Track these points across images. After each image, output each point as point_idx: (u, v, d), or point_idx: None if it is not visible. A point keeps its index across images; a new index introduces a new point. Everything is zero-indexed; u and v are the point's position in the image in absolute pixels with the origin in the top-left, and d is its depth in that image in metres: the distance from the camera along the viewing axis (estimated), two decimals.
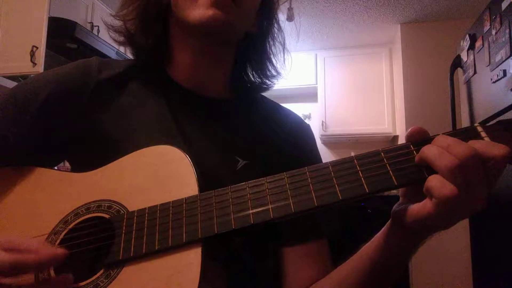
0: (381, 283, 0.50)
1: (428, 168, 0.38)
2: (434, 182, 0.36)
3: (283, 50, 0.69)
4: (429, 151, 0.38)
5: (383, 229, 0.47)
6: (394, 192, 3.15)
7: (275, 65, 0.69)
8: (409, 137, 0.41)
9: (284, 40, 0.69)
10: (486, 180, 0.37)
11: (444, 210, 0.36)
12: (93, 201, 0.49)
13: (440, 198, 0.36)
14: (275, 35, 0.68)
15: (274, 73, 0.69)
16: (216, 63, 0.63)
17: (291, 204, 0.41)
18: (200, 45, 0.60)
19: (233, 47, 0.65)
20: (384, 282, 0.50)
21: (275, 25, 0.67)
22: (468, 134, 0.39)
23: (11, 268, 0.38)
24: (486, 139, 0.39)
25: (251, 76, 0.69)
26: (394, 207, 0.44)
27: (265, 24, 0.66)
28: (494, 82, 1.52)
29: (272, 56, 0.68)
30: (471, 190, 0.36)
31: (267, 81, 0.69)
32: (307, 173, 0.42)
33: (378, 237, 0.48)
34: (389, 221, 0.46)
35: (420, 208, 0.39)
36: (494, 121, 0.42)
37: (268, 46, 0.67)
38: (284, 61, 0.70)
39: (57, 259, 0.40)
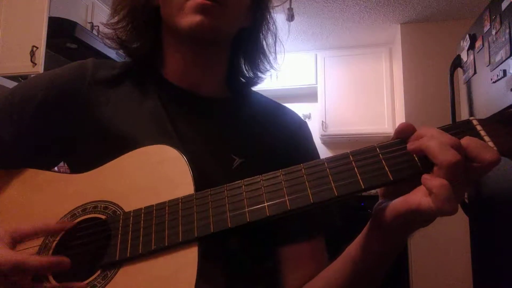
0: (366, 286, 0.50)
1: (423, 163, 0.38)
2: (436, 182, 0.36)
3: (275, 43, 0.69)
4: (430, 143, 0.37)
5: (364, 229, 0.47)
6: None
7: (268, 58, 0.68)
8: (398, 134, 0.41)
9: (277, 32, 0.69)
10: (467, 179, 0.37)
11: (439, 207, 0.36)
12: (90, 202, 0.49)
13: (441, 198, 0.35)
14: (269, 26, 0.67)
15: (267, 66, 0.69)
16: (209, 63, 0.63)
17: (287, 201, 0.40)
18: (192, 48, 0.60)
19: (227, 46, 0.65)
20: (369, 284, 0.50)
21: (268, 17, 0.67)
22: (464, 127, 0.39)
23: (12, 269, 0.38)
24: (482, 132, 0.39)
25: (244, 70, 0.69)
26: (375, 206, 0.44)
27: (258, 17, 0.65)
28: (494, 82, 1.52)
29: (265, 49, 0.68)
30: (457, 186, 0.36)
31: (260, 74, 0.69)
32: (303, 170, 0.42)
33: (359, 238, 0.48)
34: (369, 221, 0.46)
35: (408, 199, 0.38)
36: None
37: (261, 38, 0.67)
38: (276, 55, 0.70)
39: (62, 266, 0.41)
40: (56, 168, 0.63)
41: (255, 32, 0.66)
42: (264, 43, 0.67)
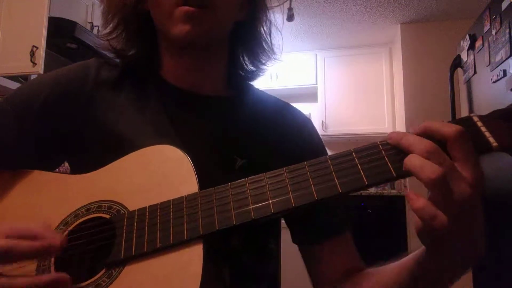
0: None
1: None
2: (410, 196, 0.36)
3: (269, 33, 0.68)
4: (411, 163, 0.37)
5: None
6: (394, 192, 3.15)
7: (270, 46, 0.68)
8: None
9: (274, 19, 0.68)
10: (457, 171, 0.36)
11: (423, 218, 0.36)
12: (93, 202, 0.49)
13: (413, 209, 0.36)
14: (264, 16, 0.66)
15: (269, 54, 0.68)
16: (208, 64, 0.63)
17: (291, 198, 0.41)
18: (188, 53, 0.60)
19: (225, 42, 0.64)
20: None
21: (263, 5, 0.66)
22: (464, 124, 0.39)
23: (4, 254, 0.38)
24: (482, 128, 0.39)
25: (244, 64, 0.68)
26: None
27: (252, 8, 0.64)
28: (494, 82, 1.53)
29: (264, 39, 0.67)
30: (448, 186, 0.35)
31: (261, 66, 0.68)
32: (306, 167, 0.42)
33: (416, 252, 0.46)
34: None
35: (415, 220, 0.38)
36: None
37: (259, 28, 0.66)
38: (272, 44, 0.68)
39: (54, 249, 0.40)
40: (56, 170, 0.63)
41: (252, 23, 0.65)
42: (263, 32, 0.66)
